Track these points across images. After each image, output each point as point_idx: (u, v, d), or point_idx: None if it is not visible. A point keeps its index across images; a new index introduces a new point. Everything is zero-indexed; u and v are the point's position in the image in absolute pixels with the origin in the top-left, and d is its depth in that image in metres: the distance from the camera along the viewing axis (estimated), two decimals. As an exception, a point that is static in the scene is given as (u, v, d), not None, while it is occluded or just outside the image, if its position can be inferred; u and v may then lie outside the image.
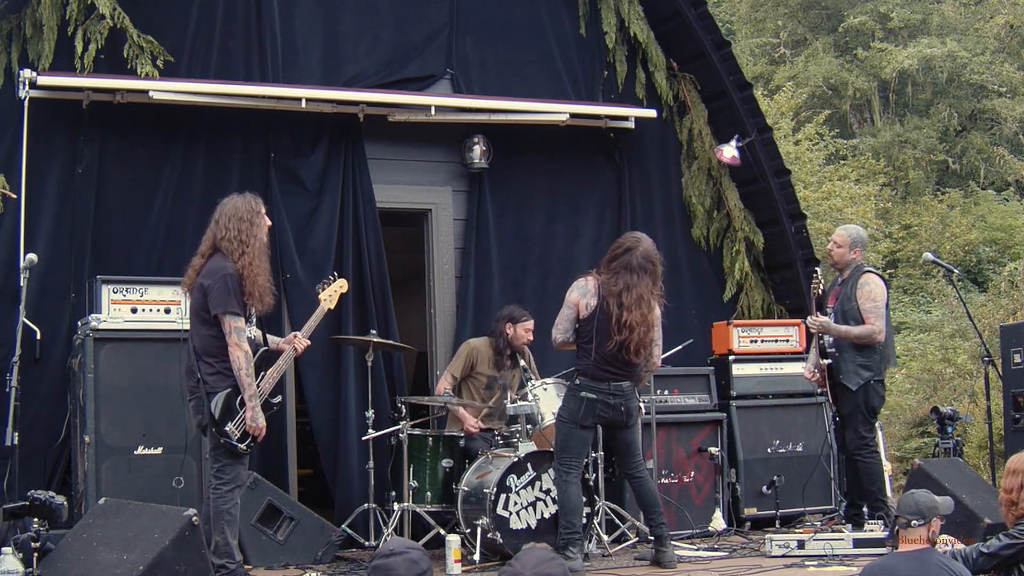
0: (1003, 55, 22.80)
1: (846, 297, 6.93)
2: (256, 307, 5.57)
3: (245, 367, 5.40)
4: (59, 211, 6.91)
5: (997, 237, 19.31)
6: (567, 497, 6.12)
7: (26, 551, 4.73)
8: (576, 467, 6.18)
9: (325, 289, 6.17)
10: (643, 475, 6.35)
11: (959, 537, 5.61)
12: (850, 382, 6.82)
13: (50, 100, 6.86)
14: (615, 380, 6.15)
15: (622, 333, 6.07)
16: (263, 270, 5.57)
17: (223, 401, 5.42)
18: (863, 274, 6.97)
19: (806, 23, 24.86)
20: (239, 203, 5.64)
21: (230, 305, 5.40)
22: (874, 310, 6.84)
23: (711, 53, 8.55)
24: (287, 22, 7.53)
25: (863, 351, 6.83)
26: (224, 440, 5.42)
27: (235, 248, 5.51)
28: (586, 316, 6.17)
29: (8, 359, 6.08)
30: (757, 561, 6.29)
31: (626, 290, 6.09)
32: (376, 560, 3.24)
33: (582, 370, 6.19)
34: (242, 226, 5.55)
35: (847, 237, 7.05)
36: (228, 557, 5.41)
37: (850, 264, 7.02)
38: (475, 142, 7.94)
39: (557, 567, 2.97)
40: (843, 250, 7.02)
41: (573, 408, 6.18)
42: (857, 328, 6.82)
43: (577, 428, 6.16)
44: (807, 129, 19.56)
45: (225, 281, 5.42)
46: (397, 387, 7.55)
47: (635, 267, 6.14)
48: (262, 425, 5.49)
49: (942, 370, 14.34)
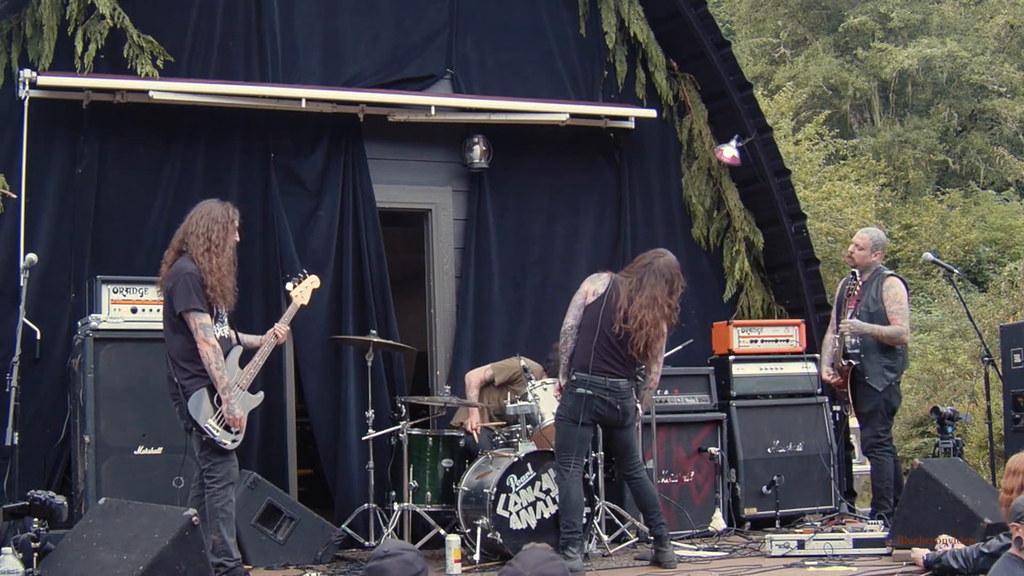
0: (1003, 55, 22.81)
1: (871, 299, 7.12)
2: (221, 304, 5.59)
3: (214, 361, 5.43)
4: (59, 211, 6.91)
5: (997, 237, 19.32)
6: (567, 496, 6.11)
7: (26, 551, 4.72)
8: (576, 465, 6.17)
9: (296, 286, 6.16)
10: (641, 476, 6.34)
11: (959, 537, 5.60)
12: (876, 383, 7.04)
13: (50, 100, 6.86)
14: (612, 376, 6.13)
15: (628, 322, 6.06)
16: (228, 272, 5.61)
17: (200, 399, 5.45)
18: (887, 277, 7.19)
19: (806, 23, 24.86)
20: (216, 206, 5.70)
21: (192, 302, 5.44)
22: (900, 312, 7.07)
23: (711, 53, 8.55)
24: (287, 22, 7.53)
25: (888, 352, 7.06)
26: (207, 437, 5.45)
27: (200, 243, 5.55)
28: (591, 302, 6.18)
29: (8, 359, 6.08)
30: (757, 561, 6.29)
31: (639, 287, 6.12)
32: (371, 562, 3.25)
33: (580, 365, 6.17)
34: (214, 227, 5.60)
35: (868, 240, 7.27)
36: (226, 555, 5.43)
37: (871, 267, 7.23)
38: (475, 142, 7.94)
39: (557, 567, 2.98)
40: (864, 252, 7.24)
41: (570, 405, 6.17)
42: (888, 328, 7.05)
43: (575, 425, 6.14)
44: (807, 129, 19.56)
45: (185, 280, 5.47)
46: (397, 387, 7.55)
47: (655, 270, 6.18)
48: (239, 415, 5.51)
49: (942, 370, 14.35)
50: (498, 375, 7.28)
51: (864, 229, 7.53)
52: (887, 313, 7.05)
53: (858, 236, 7.37)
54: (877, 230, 7.54)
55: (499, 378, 7.28)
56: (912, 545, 5.83)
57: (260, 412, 6.84)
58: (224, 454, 5.51)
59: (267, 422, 7.14)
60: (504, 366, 7.36)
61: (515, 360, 7.36)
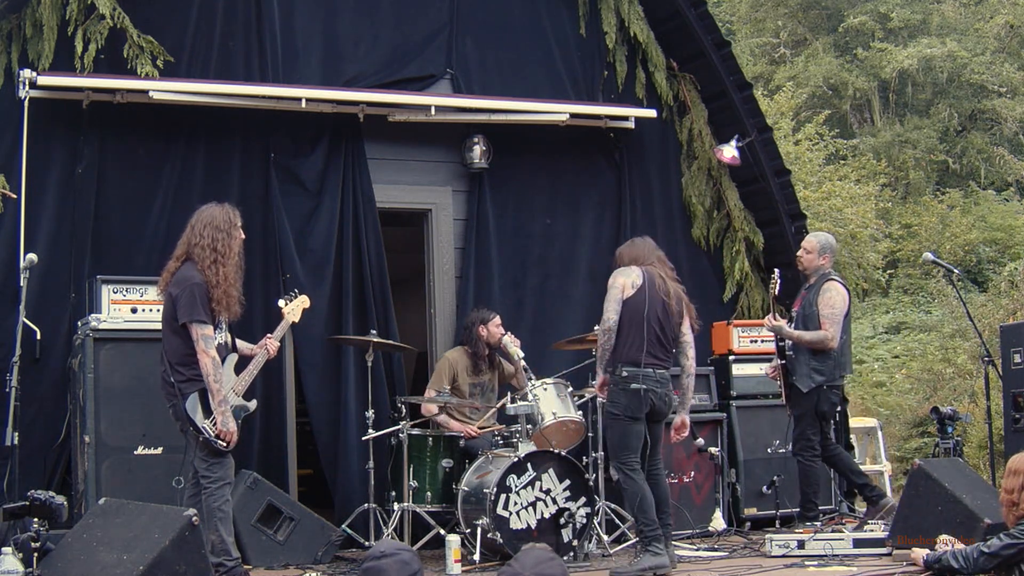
0: (1003, 55, 22.81)
1: (808, 302, 7.16)
2: (224, 315, 5.61)
3: (213, 373, 5.45)
4: (59, 211, 6.91)
5: (997, 237, 19.33)
6: (642, 496, 5.93)
7: (26, 551, 4.72)
8: (638, 461, 6.01)
9: (288, 303, 6.18)
10: (661, 473, 6.25)
11: (959, 537, 5.60)
12: (802, 384, 7.06)
13: (50, 100, 6.86)
14: (660, 368, 6.08)
15: (675, 309, 6.10)
16: (235, 281, 5.62)
17: (197, 401, 5.47)
18: (827, 281, 7.18)
19: (806, 23, 24.87)
20: (216, 212, 5.70)
21: (196, 314, 5.46)
22: (831, 316, 7.05)
23: (711, 53, 8.54)
24: (287, 22, 7.53)
25: (817, 355, 7.07)
26: (204, 438, 5.46)
27: (207, 256, 5.57)
28: (631, 295, 6.06)
29: (8, 359, 6.08)
30: (757, 561, 6.29)
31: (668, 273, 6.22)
32: (367, 562, 3.25)
33: (631, 360, 6.00)
34: (218, 235, 5.62)
35: (816, 243, 7.29)
36: (225, 555, 5.43)
37: (818, 270, 7.25)
38: (475, 142, 7.94)
39: (556, 567, 2.99)
40: (812, 256, 7.26)
41: (624, 402, 6.00)
42: (810, 333, 7.07)
43: (633, 423, 6.00)
44: (807, 129, 19.56)
45: (192, 291, 5.49)
46: (397, 387, 7.55)
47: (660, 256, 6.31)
48: (232, 430, 5.52)
49: (942, 370, 14.35)
50: (439, 386, 7.16)
51: (813, 233, 7.52)
52: (819, 317, 7.04)
53: (807, 240, 7.36)
54: (826, 234, 7.48)
55: (443, 386, 7.14)
56: (912, 545, 5.82)
57: (260, 412, 6.85)
58: (220, 454, 5.52)
59: (267, 422, 7.14)
60: (436, 375, 7.33)
61: (440, 362, 7.37)
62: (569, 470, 6.50)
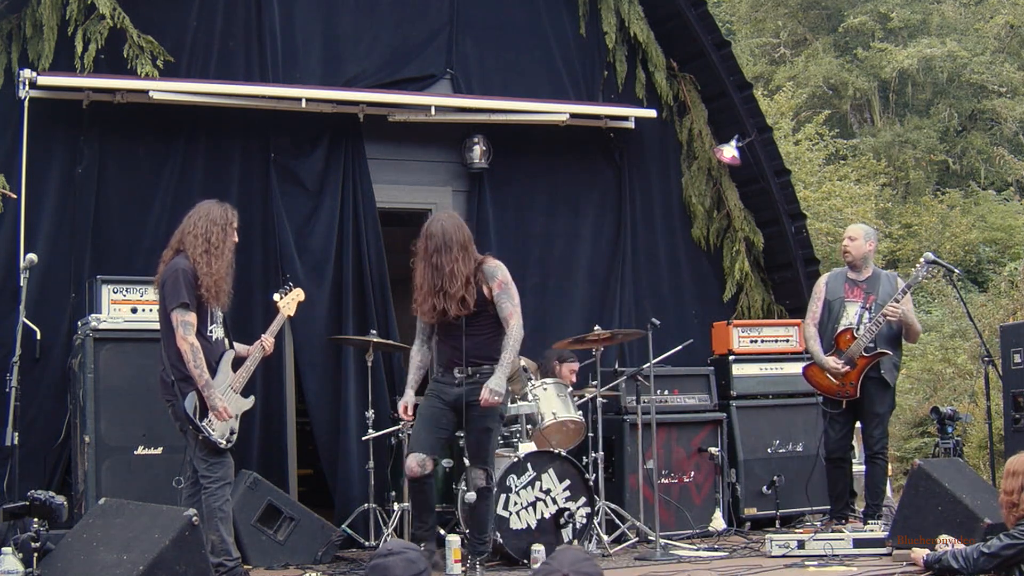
0: (1003, 55, 22.82)
1: (888, 296, 7.00)
2: (214, 304, 5.57)
3: (192, 359, 5.40)
4: (59, 211, 6.91)
5: (997, 237, 19.33)
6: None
7: (26, 551, 4.72)
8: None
9: (283, 297, 6.16)
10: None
11: (959, 537, 5.60)
12: (890, 377, 7.03)
13: (50, 100, 6.86)
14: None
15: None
16: (226, 276, 5.59)
17: (195, 399, 5.45)
18: (890, 274, 7.25)
19: (806, 23, 24.87)
20: (215, 208, 5.69)
21: (180, 297, 5.42)
22: (912, 310, 7.13)
23: (711, 53, 8.55)
24: (287, 22, 7.53)
25: (897, 350, 7.09)
26: (203, 436, 5.45)
27: (199, 244, 5.53)
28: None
29: (8, 359, 6.07)
30: (757, 561, 6.29)
31: None
32: (374, 560, 3.26)
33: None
34: (212, 227, 5.59)
35: (860, 231, 7.27)
36: (225, 555, 5.43)
37: (866, 257, 7.18)
38: (475, 142, 7.94)
39: (593, 567, 3.03)
40: (859, 242, 7.19)
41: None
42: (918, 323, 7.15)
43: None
44: (807, 129, 19.58)
45: (177, 275, 5.46)
46: (397, 387, 7.54)
47: None
48: (222, 406, 5.46)
49: (942, 370, 14.35)
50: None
51: (851, 225, 7.55)
52: (907, 313, 7.02)
53: (850, 229, 7.36)
54: (863, 223, 7.56)
55: None
56: (912, 545, 5.82)
57: (260, 412, 6.86)
58: (221, 454, 5.51)
59: (267, 422, 7.14)
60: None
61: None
62: (569, 470, 6.50)
